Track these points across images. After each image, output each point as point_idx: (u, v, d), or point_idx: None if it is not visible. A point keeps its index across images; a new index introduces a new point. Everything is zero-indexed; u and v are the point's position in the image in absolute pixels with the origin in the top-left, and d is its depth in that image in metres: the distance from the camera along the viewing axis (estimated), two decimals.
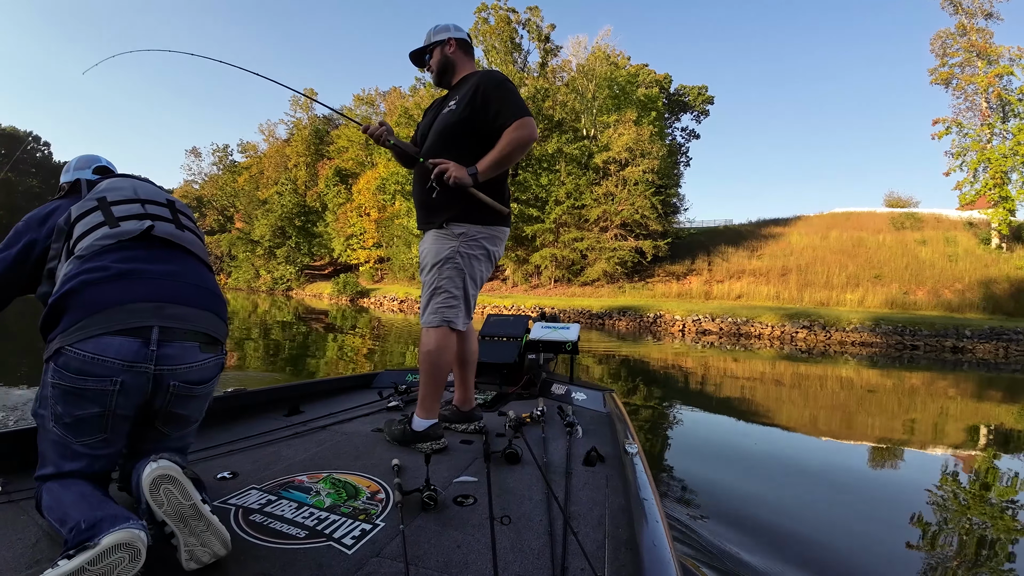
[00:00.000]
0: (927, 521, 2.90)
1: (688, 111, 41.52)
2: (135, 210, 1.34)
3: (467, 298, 1.93)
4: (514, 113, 1.82)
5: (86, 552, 0.87)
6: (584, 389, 2.82)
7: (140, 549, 0.92)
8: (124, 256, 1.23)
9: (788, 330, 16.89)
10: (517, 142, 1.82)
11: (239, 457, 1.70)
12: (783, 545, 2.44)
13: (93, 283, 1.15)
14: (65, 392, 1.08)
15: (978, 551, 2.55)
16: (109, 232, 1.24)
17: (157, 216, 1.35)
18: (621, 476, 1.57)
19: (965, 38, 24.66)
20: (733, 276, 24.94)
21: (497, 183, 1.94)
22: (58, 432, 1.12)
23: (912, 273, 22.03)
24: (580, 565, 1.07)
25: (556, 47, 32.90)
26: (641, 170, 26.38)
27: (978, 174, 22.97)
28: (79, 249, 1.22)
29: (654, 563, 0.97)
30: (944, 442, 4.90)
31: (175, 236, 1.33)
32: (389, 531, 1.19)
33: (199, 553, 0.99)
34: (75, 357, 1.07)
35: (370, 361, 8.73)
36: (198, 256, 1.38)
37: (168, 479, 1.00)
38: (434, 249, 1.92)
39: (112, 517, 0.95)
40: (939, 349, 14.53)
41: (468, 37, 2.10)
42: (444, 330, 1.89)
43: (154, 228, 1.29)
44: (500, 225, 1.97)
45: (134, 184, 1.43)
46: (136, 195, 1.38)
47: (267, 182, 51.92)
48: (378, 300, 31.19)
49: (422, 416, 1.86)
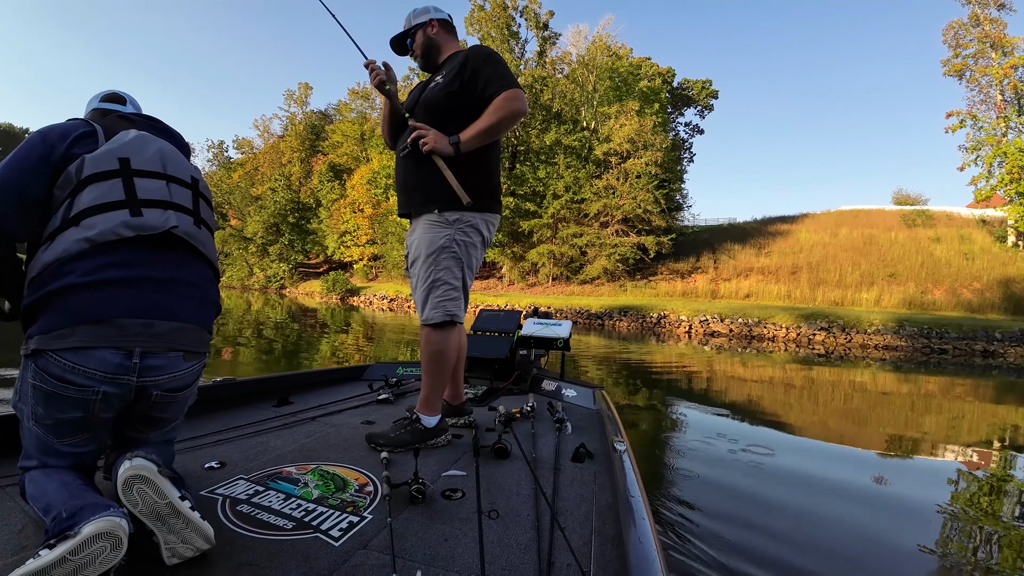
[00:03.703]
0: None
1: (692, 105, 41.56)
2: (160, 192, 1.24)
3: (465, 288, 1.92)
4: (504, 84, 1.80)
5: (67, 541, 0.88)
6: (574, 386, 2.89)
7: (121, 538, 0.93)
8: (136, 258, 1.17)
9: (805, 332, 16.56)
10: (506, 111, 1.79)
11: (227, 447, 1.74)
12: (772, 545, 2.49)
13: (86, 287, 1.11)
14: (47, 395, 1.09)
15: None
16: (130, 222, 1.16)
17: (180, 207, 1.26)
18: (609, 473, 1.62)
19: (979, 28, 24.73)
20: (741, 274, 24.91)
21: (485, 166, 1.91)
22: (39, 432, 1.13)
23: (928, 272, 21.96)
24: (567, 560, 1.11)
25: (555, 35, 32.81)
26: (644, 162, 26.23)
27: (993, 169, 22.99)
28: (88, 226, 1.13)
29: (640, 559, 1.01)
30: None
31: (191, 236, 1.27)
32: (376, 524, 1.23)
33: (181, 550, 1.01)
34: (55, 363, 1.07)
35: (362, 355, 8.76)
36: (206, 257, 1.33)
37: (140, 479, 1.00)
38: (427, 239, 1.87)
39: (93, 506, 0.97)
40: (969, 353, 14.09)
41: (449, 17, 2.09)
42: (449, 325, 1.86)
43: (177, 227, 1.22)
44: (493, 212, 1.96)
45: (161, 149, 1.30)
46: (163, 168, 1.27)
47: (262, 179, 52.13)
48: (367, 299, 31.12)
49: (429, 414, 1.88)
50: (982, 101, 25.02)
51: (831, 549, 2.54)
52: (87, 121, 1.28)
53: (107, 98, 1.46)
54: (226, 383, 2.34)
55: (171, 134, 1.42)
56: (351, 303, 29.73)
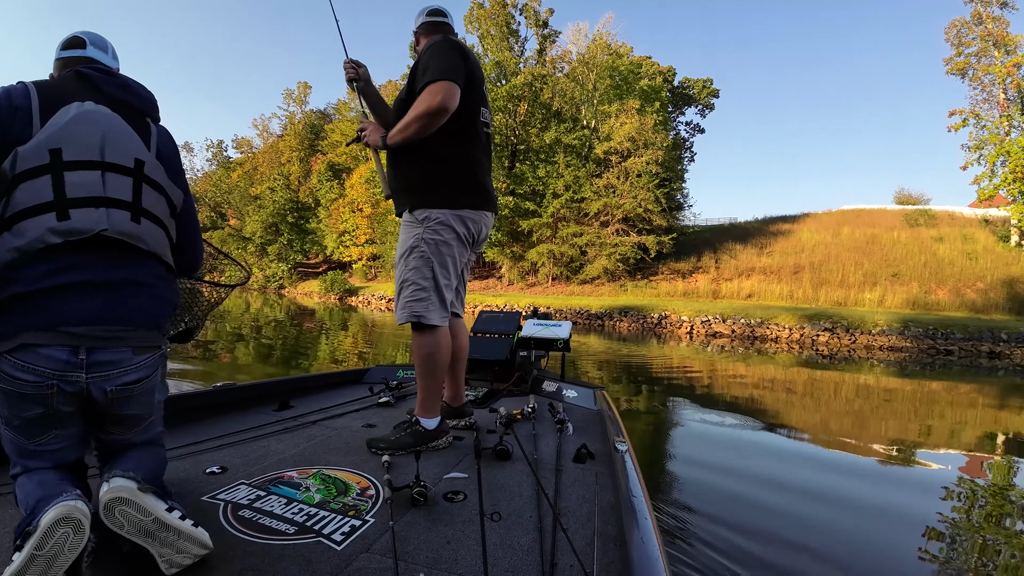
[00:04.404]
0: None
1: (692, 104, 41.60)
2: (91, 187, 1.14)
3: (438, 288, 1.87)
4: (430, 77, 1.72)
5: (31, 539, 0.88)
6: (575, 386, 2.91)
7: (81, 520, 0.92)
8: (73, 262, 1.11)
9: (808, 333, 16.49)
10: (419, 109, 1.72)
11: (228, 451, 1.75)
12: (773, 547, 2.50)
13: (28, 296, 1.08)
14: (7, 394, 1.08)
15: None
16: (56, 227, 1.09)
17: (115, 201, 1.16)
18: (611, 473, 1.63)
19: (981, 27, 24.74)
20: (742, 274, 24.90)
21: (448, 160, 1.86)
22: (11, 435, 1.13)
23: (931, 271, 21.96)
24: (569, 561, 1.12)
25: (555, 32, 32.84)
26: (644, 161, 26.19)
27: (996, 168, 22.98)
28: (18, 233, 1.09)
29: (642, 559, 1.01)
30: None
31: (127, 235, 1.17)
32: (379, 527, 1.23)
33: (178, 559, 1.00)
34: (8, 362, 1.07)
35: (362, 360, 8.77)
36: (153, 253, 1.23)
37: (120, 501, 0.97)
38: (401, 239, 1.91)
39: (48, 497, 0.96)
40: (974, 354, 14.06)
41: (434, 16, 2.06)
42: (423, 326, 1.86)
43: (108, 230, 1.14)
44: (470, 208, 1.91)
45: (104, 128, 1.19)
46: (101, 154, 1.17)
47: (261, 178, 52.23)
48: (366, 299, 31.11)
49: (428, 416, 1.88)
50: (985, 100, 25.04)
51: (831, 552, 2.55)
52: (16, 88, 1.19)
53: (66, 44, 1.33)
54: (227, 388, 2.36)
55: (126, 100, 1.28)
56: (349, 303, 29.73)
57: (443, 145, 1.83)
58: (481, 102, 1.95)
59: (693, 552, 2.35)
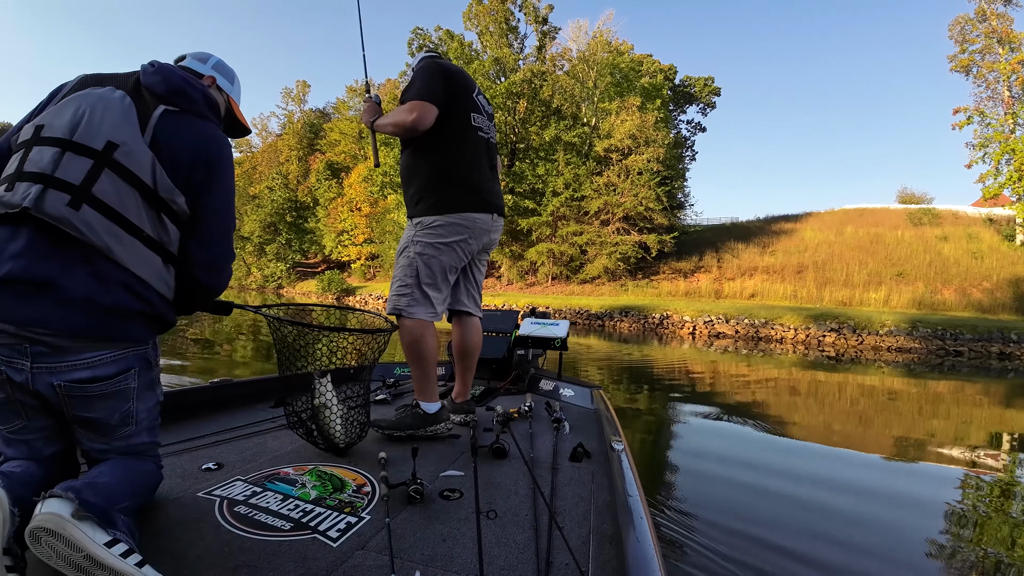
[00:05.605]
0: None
1: (694, 103, 41.59)
2: (44, 163, 1.08)
3: (421, 288, 2.01)
4: (411, 95, 1.93)
5: None
6: (572, 385, 2.93)
7: (1, 500, 0.89)
8: (2, 237, 1.05)
9: (814, 333, 16.38)
10: (394, 117, 1.94)
11: (224, 448, 1.76)
12: (771, 548, 2.52)
13: None
14: None
15: None
16: (2, 196, 1.05)
17: (56, 181, 1.07)
18: (607, 472, 1.64)
19: (985, 24, 24.76)
20: (745, 273, 24.87)
21: (444, 164, 2.01)
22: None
23: (937, 271, 21.94)
24: (565, 560, 1.13)
25: (554, 29, 32.81)
26: (645, 159, 26.09)
27: (1001, 167, 22.98)
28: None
29: (638, 558, 1.02)
30: None
31: (58, 220, 1.04)
32: (374, 524, 1.25)
33: None
34: None
35: None
36: (95, 247, 1.08)
37: (44, 531, 0.85)
38: (400, 240, 2.11)
39: None
40: (984, 355, 13.97)
41: (421, 53, 2.22)
42: (404, 319, 2.00)
43: (30, 208, 1.03)
44: (463, 212, 2.02)
45: (87, 110, 1.14)
46: (71, 133, 1.11)
47: (260, 177, 52.24)
48: (363, 299, 31.06)
49: (427, 400, 2.00)
50: (989, 97, 25.08)
51: (832, 551, 2.56)
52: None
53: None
54: (223, 384, 2.37)
55: (150, 84, 1.21)
56: (347, 303, 29.73)
57: (434, 157, 2.01)
58: (472, 109, 2.08)
59: (689, 551, 2.36)
